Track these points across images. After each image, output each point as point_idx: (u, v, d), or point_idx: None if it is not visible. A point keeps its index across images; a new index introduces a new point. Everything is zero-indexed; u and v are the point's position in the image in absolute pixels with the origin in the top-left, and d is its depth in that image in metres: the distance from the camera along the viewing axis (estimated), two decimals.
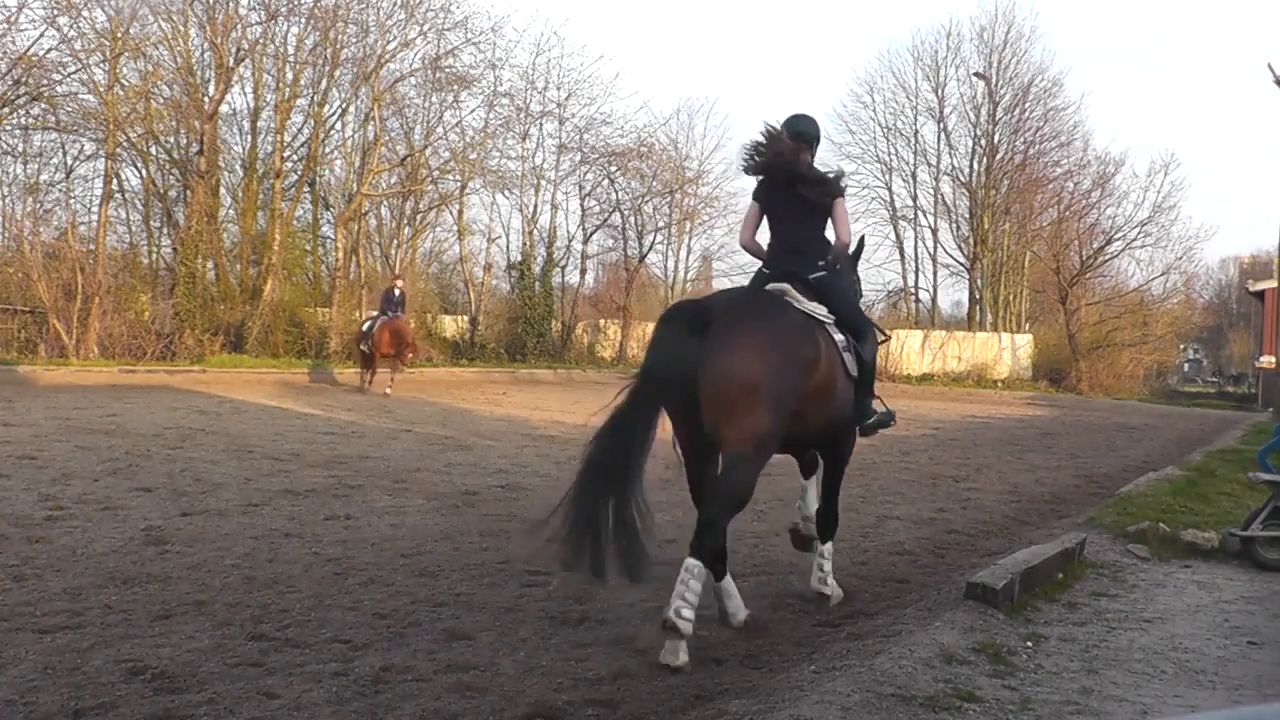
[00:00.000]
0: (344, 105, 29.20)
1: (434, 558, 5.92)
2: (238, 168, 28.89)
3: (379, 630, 4.52)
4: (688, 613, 4.16)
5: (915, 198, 40.13)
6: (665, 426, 4.58)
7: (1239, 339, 58.84)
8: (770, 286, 4.99)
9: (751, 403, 4.31)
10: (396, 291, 20.48)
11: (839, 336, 4.91)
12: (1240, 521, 6.74)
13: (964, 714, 3.54)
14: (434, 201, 31.13)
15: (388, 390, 18.98)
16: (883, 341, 5.58)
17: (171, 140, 26.20)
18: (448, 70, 29.31)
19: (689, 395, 4.34)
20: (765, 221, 5.21)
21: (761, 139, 5.07)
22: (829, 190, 5.07)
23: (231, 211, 28.19)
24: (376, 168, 28.41)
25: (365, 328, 20.22)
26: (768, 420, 4.36)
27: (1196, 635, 4.82)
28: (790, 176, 5.02)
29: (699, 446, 4.56)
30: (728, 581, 4.76)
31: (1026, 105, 37.87)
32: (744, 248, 5.40)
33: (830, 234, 5.19)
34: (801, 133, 5.21)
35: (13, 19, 22.21)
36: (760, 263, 5.26)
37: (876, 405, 5.24)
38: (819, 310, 4.89)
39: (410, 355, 20.12)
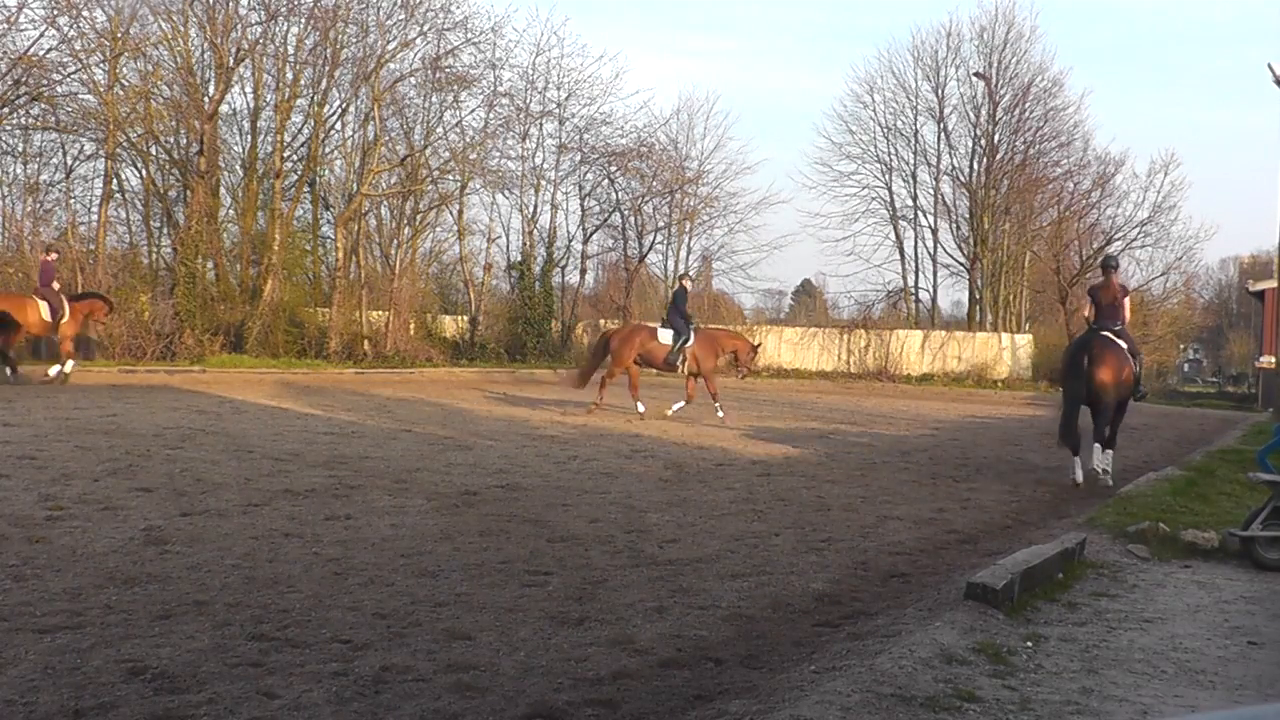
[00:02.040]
0: (344, 105, 29.23)
1: (434, 558, 5.92)
2: (238, 168, 28.94)
3: (379, 630, 4.52)
4: (1080, 474, 10.25)
5: (915, 198, 40.15)
6: None
7: (1239, 339, 58.76)
8: (1103, 334, 10.32)
9: (1112, 385, 10.12)
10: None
11: (1129, 357, 10.39)
12: (1240, 521, 6.74)
13: (964, 714, 3.54)
14: (434, 201, 31.13)
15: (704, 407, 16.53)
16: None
17: (171, 140, 26.22)
18: (448, 70, 29.32)
19: (1085, 380, 10.15)
20: (1093, 305, 10.63)
21: (1100, 269, 11.35)
22: (1124, 293, 10.69)
23: (231, 211, 28.21)
24: (376, 168, 28.41)
25: (674, 340, 15.37)
26: (1116, 392, 10.22)
27: (1196, 635, 4.82)
28: (1110, 290, 10.51)
29: (1080, 405, 10.24)
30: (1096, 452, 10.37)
31: (1026, 105, 37.87)
32: (1086, 319, 10.94)
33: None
34: (1111, 264, 10.87)
35: (13, 19, 22.24)
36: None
37: (1142, 387, 11.02)
38: (1122, 344, 10.35)
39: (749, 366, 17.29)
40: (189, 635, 4.31)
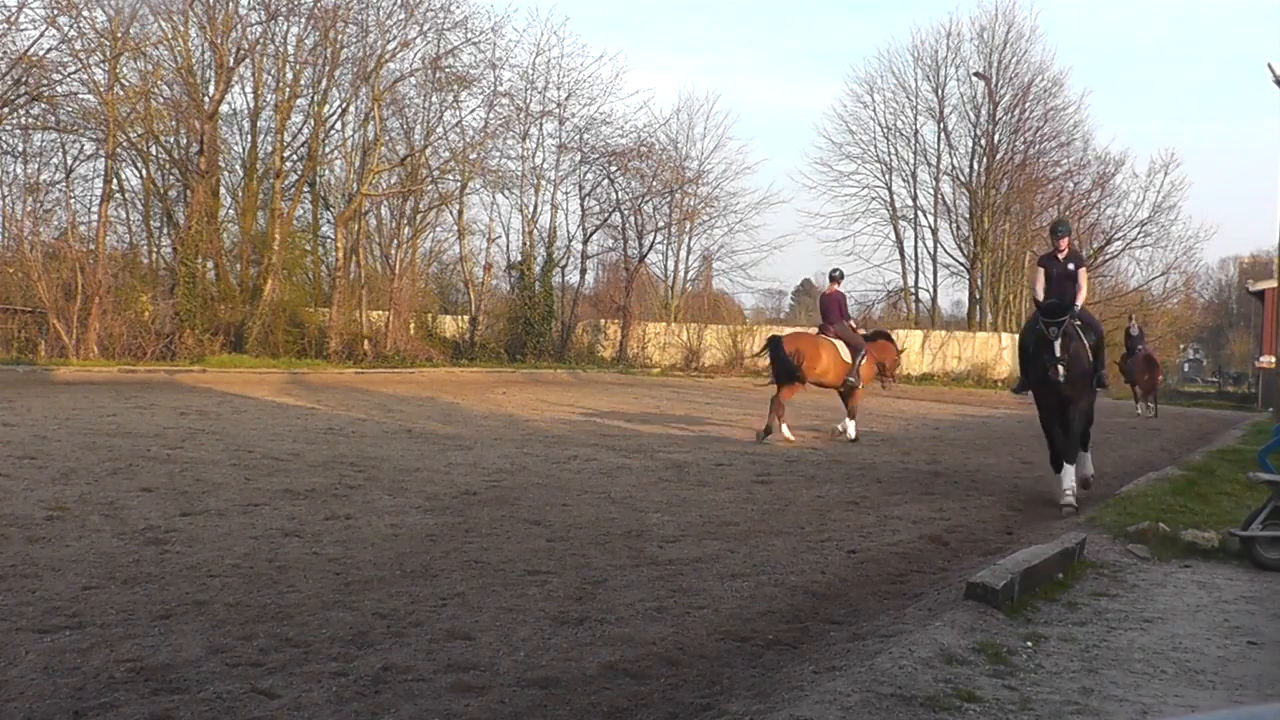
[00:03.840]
0: (344, 105, 29.25)
1: (434, 558, 5.92)
2: (238, 168, 28.97)
3: (379, 630, 4.52)
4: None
5: (915, 198, 40.19)
6: None
7: (1239, 339, 58.83)
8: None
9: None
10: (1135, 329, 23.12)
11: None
12: (1240, 521, 6.74)
13: (964, 714, 3.54)
14: (434, 201, 31.14)
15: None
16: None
17: (171, 140, 26.24)
18: (448, 70, 29.34)
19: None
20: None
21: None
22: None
23: (231, 211, 28.23)
24: (376, 168, 28.41)
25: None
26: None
27: (1196, 635, 4.82)
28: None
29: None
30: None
31: (1026, 105, 37.92)
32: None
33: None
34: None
35: (13, 19, 22.24)
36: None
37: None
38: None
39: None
40: (189, 635, 4.31)
